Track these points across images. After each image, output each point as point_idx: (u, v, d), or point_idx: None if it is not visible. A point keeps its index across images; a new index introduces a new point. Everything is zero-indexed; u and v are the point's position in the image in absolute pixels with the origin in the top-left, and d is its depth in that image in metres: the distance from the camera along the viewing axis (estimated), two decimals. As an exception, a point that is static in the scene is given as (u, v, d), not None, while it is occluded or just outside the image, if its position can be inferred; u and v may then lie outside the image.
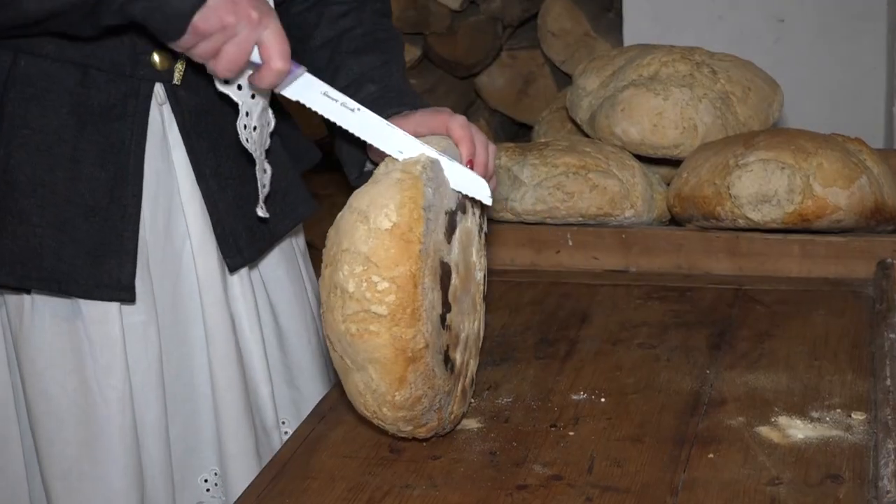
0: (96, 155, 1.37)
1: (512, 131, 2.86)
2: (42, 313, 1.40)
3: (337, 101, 1.32)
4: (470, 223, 1.29)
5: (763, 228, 1.68)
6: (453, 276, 1.24)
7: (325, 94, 1.32)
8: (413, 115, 1.39)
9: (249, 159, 1.44)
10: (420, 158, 1.22)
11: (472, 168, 1.31)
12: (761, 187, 1.66)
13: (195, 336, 1.50)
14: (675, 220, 1.79)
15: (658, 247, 1.73)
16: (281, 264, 1.63)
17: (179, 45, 1.26)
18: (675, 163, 1.82)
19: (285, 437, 1.57)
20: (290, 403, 1.64)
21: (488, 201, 1.30)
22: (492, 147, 1.35)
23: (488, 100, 2.92)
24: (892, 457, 1.13)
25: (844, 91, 2.59)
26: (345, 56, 1.49)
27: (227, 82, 1.30)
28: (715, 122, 1.80)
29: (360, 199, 1.17)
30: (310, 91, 1.32)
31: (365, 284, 1.14)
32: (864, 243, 1.67)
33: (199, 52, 1.26)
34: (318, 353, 1.68)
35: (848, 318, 1.54)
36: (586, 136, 1.90)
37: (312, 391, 1.65)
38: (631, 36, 2.65)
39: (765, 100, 1.86)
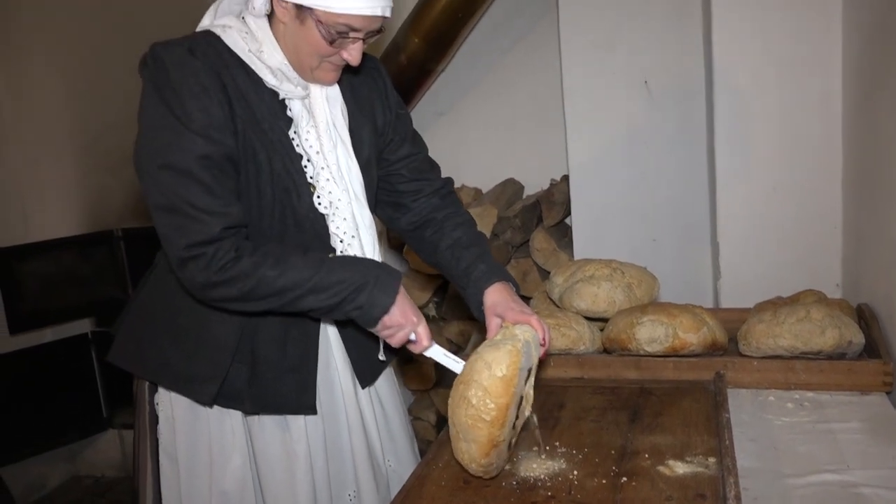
0: (297, 342, 1.40)
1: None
2: (264, 422, 1.41)
3: (448, 356, 1.36)
4: (532, 371, 1.29)
5: (653, 355, 1.65)
6: (523, 401, 1.25)
7: (444, 354, 1.36)
8: (514, 304, 1.38)
9: (364, 333, 1.44)
10: (521, 338, 1.23)
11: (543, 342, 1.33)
12: (651, 334, 1.64)
13: (342, 421, 1.49)
14: (606, 351, 1.77)
15: (598, 365, 1.70)
16: (384, 382, 1.60)
17: (373, 330, 1.31)
18: (605, 320, 1.81)
19: (389, 468, 1.58)
20: (390, 450, 1.60)
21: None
22: (547, 328, 1.36)
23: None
24: (732, 484, 1.10)
25: (691, 279, 2.57)
26: (461, 251, 1.48)
27: None
28: (625, 300, 1.80)
29: (488, 355, 1.18)
30: (436, 350, 1.35)
31: (482, 402, 1.15)
32: (707, 361, 1.64)
33: (384, 335, 1.32)
34: (404, 424, 1.65)
35: (702, 403, 1.50)
36: (558, 307, 1.89)
37: (402, 444, 1.62)
38: (578, 252, 2.67)
39: (650, 287, 1.86)
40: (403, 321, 1.30)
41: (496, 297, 1.39)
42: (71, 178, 3.62)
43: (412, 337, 1.33)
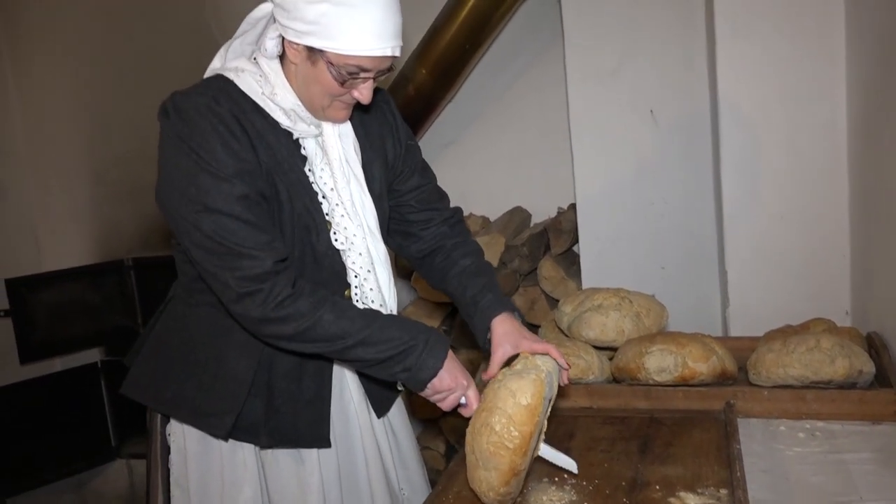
0: (312, 375, 1.41)
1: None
2: (277, 455, 1.42)
3: None
4: (551, 402, 1.29)
5: (663, 384, 1.65)
6: (540, 432, 1.25)
7: None
8: (527, 334, 1.38)
9: None
10: (544, 369, 1.23)
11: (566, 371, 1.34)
12: (660, 363, 1.64)
13: (358, 451, 1.49)
14: (616, 380, 1.76)
15: (608, 395, 1.69)
16: (396, 410, 1.60)
17: (423, 394, 1.31)
18: (614, 349, 1.80)
19: (403, 496, 1.57)
20: (404, 478, 1.60)
21: (575, 471, 1.32)
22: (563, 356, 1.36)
23: (512, 312, 2.92)
24: (744, 517, 1.09)
25: (699, 307, 2.56)
26: (469, 279, 1.48)
27: None
28: (633, 329, 1.80)
29: (512, 383, 1.19)
30: None
31: (505, 430, 1.15)
32: (716, 391, 1.63)
33: (434, 399, 1.32)
34: (415, 451, 1.65)
35: (712, 433, 1.49)
36: (567, 336, 1.88)
37: (414, 471, 1.62)
38: (586, 280, 2.67)
39: (659, 316, 1.85)
40: (453, 385, 1.29)
41: (507, 327, 1.39)
42: (83, 208, 3.66)
43: (462, 400, 1.32)
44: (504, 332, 1.38)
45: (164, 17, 3.36)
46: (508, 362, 1.35)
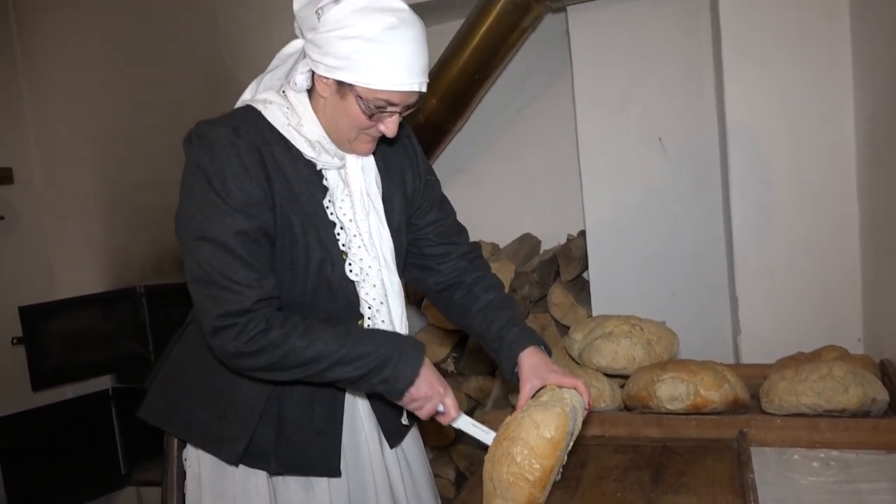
0: (324, 404, 1.41)
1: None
2: (288, 482, 1.42)
3: (477, 426, 1.36)
4: (573, 437, 1.29)
5: (674, 413, 1.64)
6: (563, 464, 1.25)
7: (472, 424, 1.36)
8: (556, 367, 1.38)
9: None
10: (569, 402, 1.24)
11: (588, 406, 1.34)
12: (672, 391, 1.63)
13: (368, 482, 1.48)
14: (627, 408, 1.75)
15: (620, 423, 1.69)
16: (410, 441, 1.60)
17: (399, 402, 1.32)
18: (625, 377, 1.80)
19: None
20: None
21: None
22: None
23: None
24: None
25: (711, 334, 2.55)
26: (494, 313, 1.48)
27: None
28: (645, 356, 1.79)
29: (537, 414, 1.20)
30: (464, 421, 1.36)
31: (526, 461, 1.16)
32: (729, 419, 1.62)
33: (411, 406, 1.33)
34: (430, 483, 1.63)
35: (725, 462, 1.48)
36: (577, 364, 1.88)
37: (428, 502, 1.60)
38: (596, 306, 2.66)
39: (670, 343, 1.85)
40: (430, 393, 1.30)
41: (535, 361, 1.39)
42: (96, 235, 3.70)
43: (440, 408, 1.33)
44: (531, 366, 1.38)
45: (178, 47, 3.42)
46: (535, 394, 1.34)
